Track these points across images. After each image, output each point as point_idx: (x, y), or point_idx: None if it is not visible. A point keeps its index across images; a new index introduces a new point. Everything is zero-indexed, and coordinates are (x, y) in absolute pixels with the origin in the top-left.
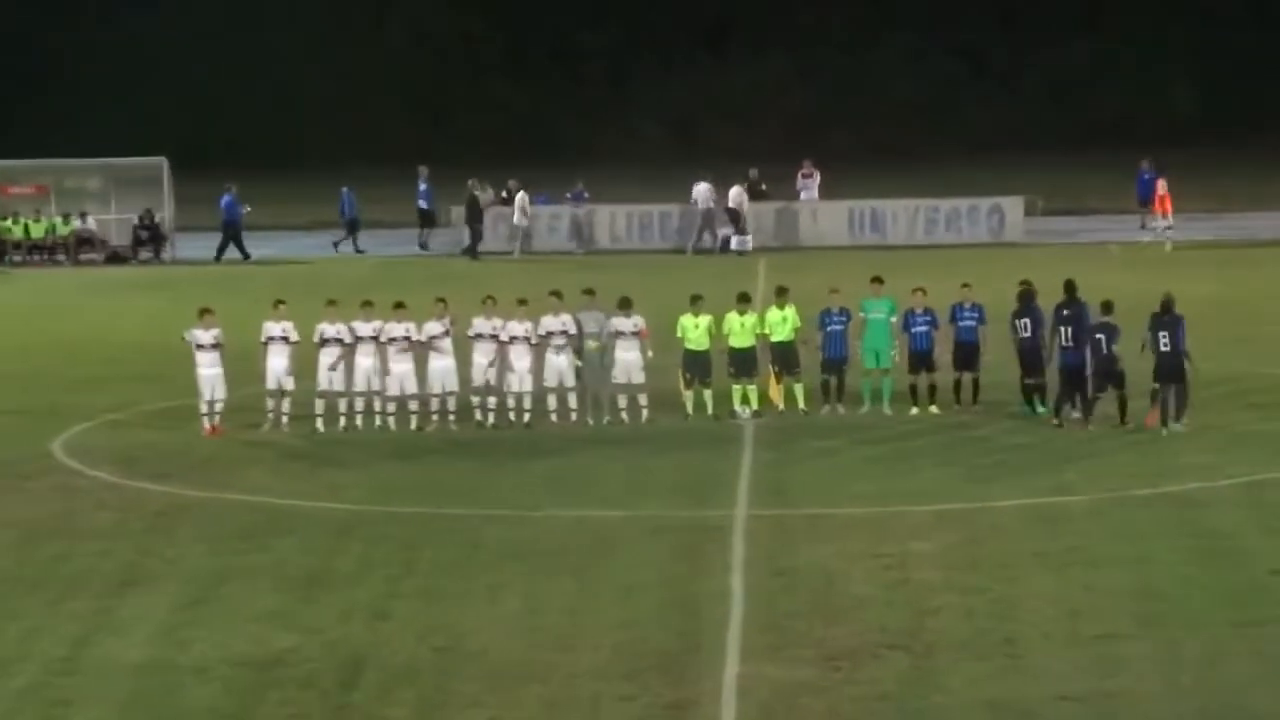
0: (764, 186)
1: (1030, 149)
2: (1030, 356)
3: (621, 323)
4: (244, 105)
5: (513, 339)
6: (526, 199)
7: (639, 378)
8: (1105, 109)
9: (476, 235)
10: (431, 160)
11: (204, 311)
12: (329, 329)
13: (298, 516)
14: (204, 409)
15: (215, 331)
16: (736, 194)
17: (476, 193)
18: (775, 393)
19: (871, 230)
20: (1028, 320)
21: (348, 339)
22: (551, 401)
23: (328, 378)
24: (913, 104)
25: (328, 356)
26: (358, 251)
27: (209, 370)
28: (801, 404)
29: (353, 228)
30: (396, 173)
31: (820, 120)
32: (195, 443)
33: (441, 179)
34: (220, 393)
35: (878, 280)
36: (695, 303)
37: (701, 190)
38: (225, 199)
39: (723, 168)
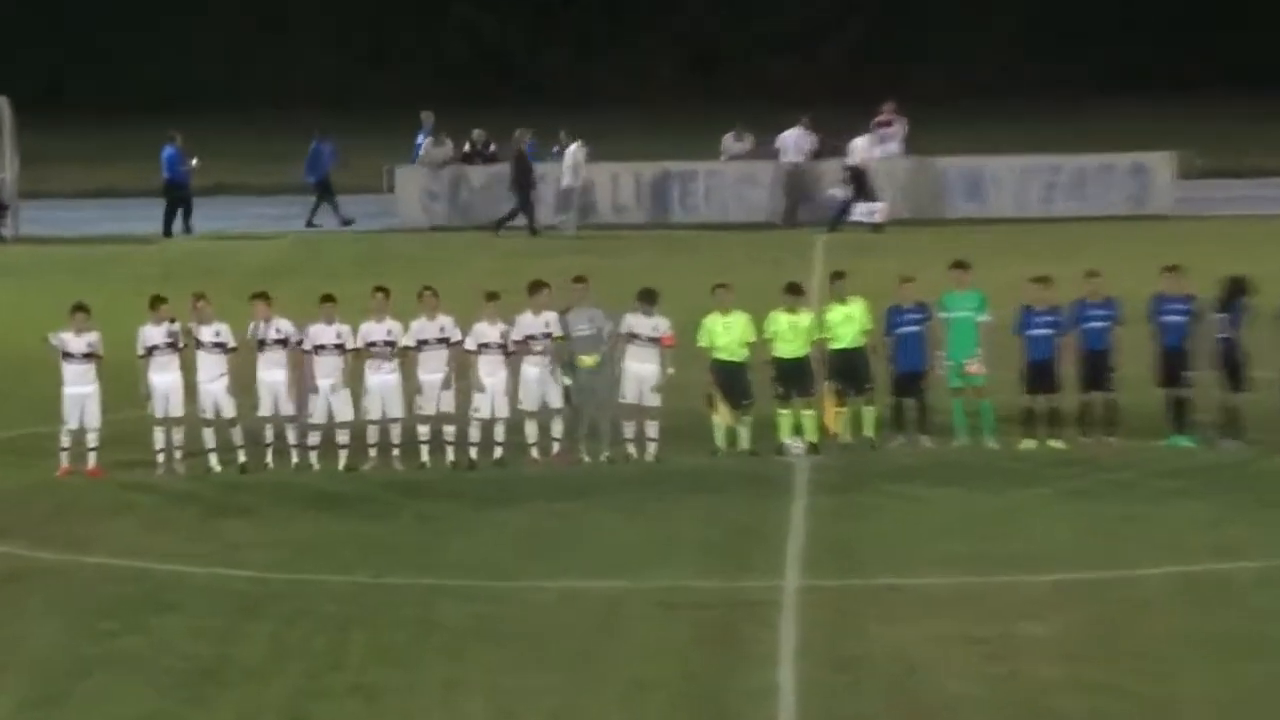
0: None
1: (1182, 91)
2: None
3: (639, 323)
4: (124, 31)
5: (481, 346)
6: (582, 153)
7: (652, 399)
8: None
9: (527, 204)
10: (374, 104)
11: (77, 309)
12: (274, 327)
13: (185, 587)
14: (65, 440)
15: (91, 337)
16: (864, 146)
17: (522, 147)
18: (834, 418)
19: (967, 198)
20: (1227, 317)
21: (293, 340)
22: (530, 431)
23: (273, 398)
24: (1023, 32)
25: (268, 366)
26: (344, 224)
27: (79, 388)
28: (869, 434)
29: (325, 191)
30: (330, 120)
31: (895, 52)
32: (47, 487)
33: (376, 129)
34: (94, 419)
35: (960, 266)
36: (792, 296)
37: (791, 139)
38: (168, 151)
39: (759, 115)
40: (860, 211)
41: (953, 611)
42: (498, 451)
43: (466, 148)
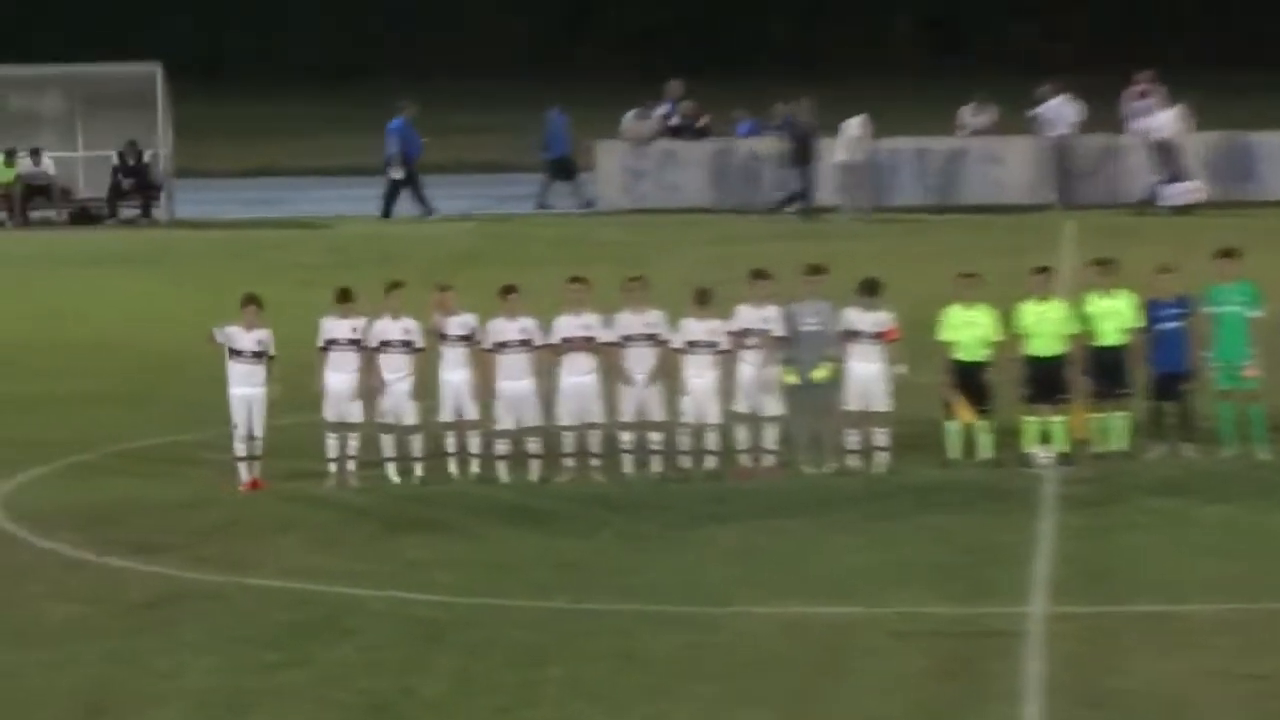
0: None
1: None
2: None
3: (859, 319)
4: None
5: (690, 344)
6: (869, 126)
7: (880, 403)
8: None
9: (806, 181)
10: (565, 76)
11: (249, 301)
12: (458, 322)
13: (359, 612)
14: (241, 448)
15: (262, 334)
16: (1172, 120)
17: (800, 118)
18: (1081, 423)
19: (1235, 178)
20: None
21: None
22: (742, 437)
23: (455, 401)
24: None
25: (451, 365)
26: (586, 205)
27: (247, 389)
28: (1123, 442)
29: (562, 170)
30: (518, 91)
31: (1140, 21)
32: (202, 500)
33: (578, 100)
34: (259, 425)
35: (1228, 254)
36: (1040, 280)
37: (1055, 109)
38: (396, 123)
39: (1002, 87)
40: (1171, 193)
41: (1222, 642)
42: (710, 461)
43: (675, 120)
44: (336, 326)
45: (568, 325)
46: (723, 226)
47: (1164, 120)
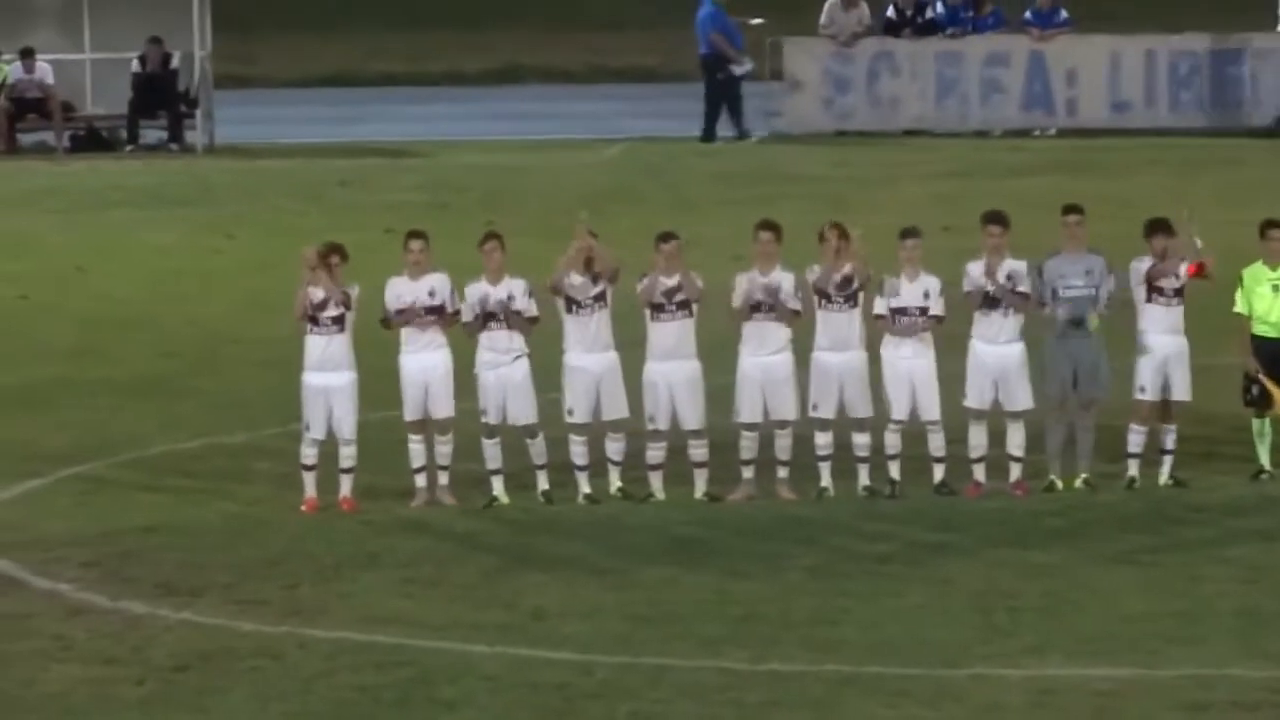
0: None
1: None
2: None
3: (1152, 273)
4: None
5: (896, 312)
6: None
7: (1180, 390)
8: None
9: None
10: None
11: (331, 250)
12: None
13: (467, 674)
14: (309, 454)
15: (341, 294)
16: None
17: None
18: None
19: None
20: None
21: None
22: (977, 440)
23: (589, 394)
24: None
25: (584, 344)
26: (741, 135)
27: (325, 377)
28: None
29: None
30: None
31: None
32: (258, 525)
33: None
34: (348, 426)
35: None
36: None
37: None
38: (706, 11)
39: None
40: None
41: None
42: (938, 471)
43: (890, 12)
44: (409, 289)
45: (749, 286)
46: (949, 155)
47: None
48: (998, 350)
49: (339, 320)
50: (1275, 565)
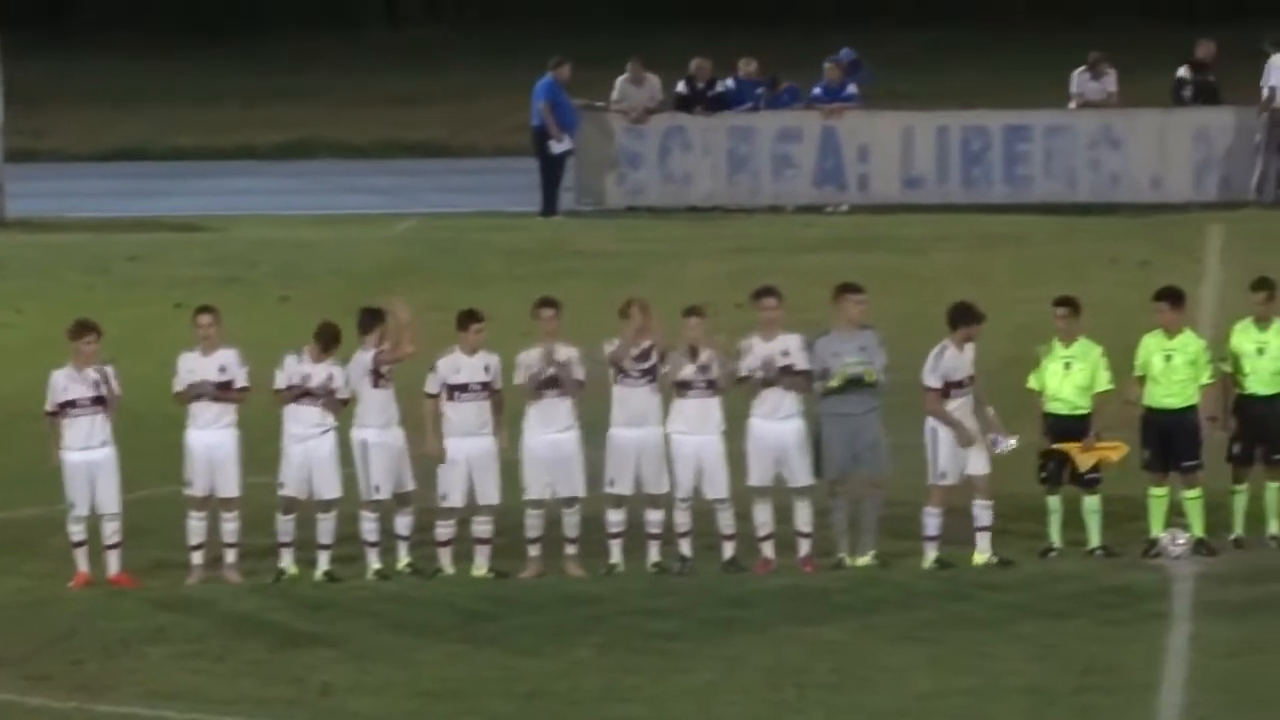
0: None
1: None
2: None
3: (955, 362)
4: None
5: (679, 387)
6: None
7: (979, 466)
8: None
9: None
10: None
11: (82, 329)
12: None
13: None
14: (76, 532)
15: (100, 373)
16: None
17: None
18: None
19: None
20: None
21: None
22: (762, 517)
23: (384, 469)
24: None
25: (374, 417)
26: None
27: (85, 453)
28: (1275, 526)
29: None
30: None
31: None
32: (45, 601)
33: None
34: (112, 499)
35: None
36: (1168, 309)
37: None
38: (544, 84)
39: (1128, 44)
40: None
41: None
42: (728, 549)
43: (681, 87)
44: (198, 365)
45: (536, 363)
46: (739, 231)
47: None
48: (777, 427)
49: (98, 400)
50: (1064, 643)
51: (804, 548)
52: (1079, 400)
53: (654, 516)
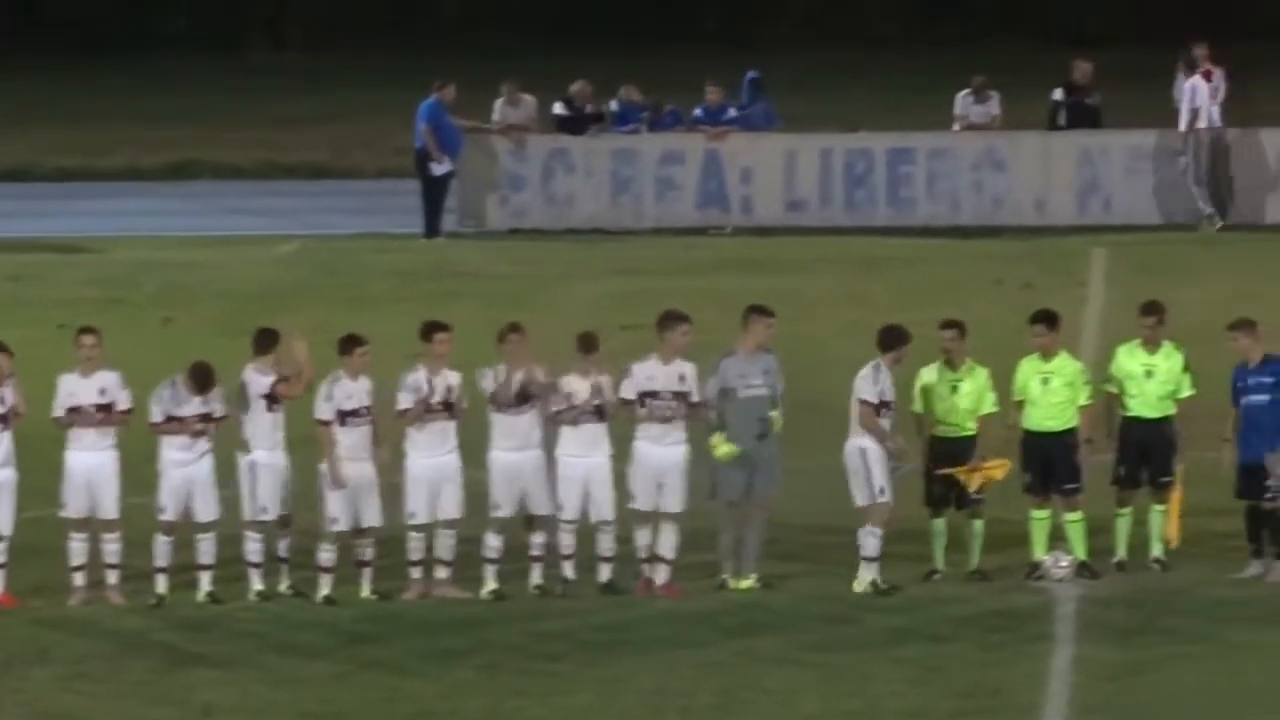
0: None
1: None
2: None
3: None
4: None
5: (558, 413)
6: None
7: (860, 495)
8: None
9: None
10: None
11: None
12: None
13: None
14: None
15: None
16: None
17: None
18: (1175, 523)
19: None
20: None
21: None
22: (644, 540)
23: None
24: None
25: (262, 439)
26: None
27: None
28: (1157, 549)
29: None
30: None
31: None
32: None
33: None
34: (6, 521)
35: None
36: (1043, 331)
37: (1201, 90)
38: (427, 106)
39: (1017, 64)
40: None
41: None
42: (604, 571)
43: (559, 108)
44: (80, 386)
45: (420, 388)
46: (626, 254)
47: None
48: (662, 451)
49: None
50: (945, 666)
51: (663, 574)
52: (966, 423)
53: (537, 539)
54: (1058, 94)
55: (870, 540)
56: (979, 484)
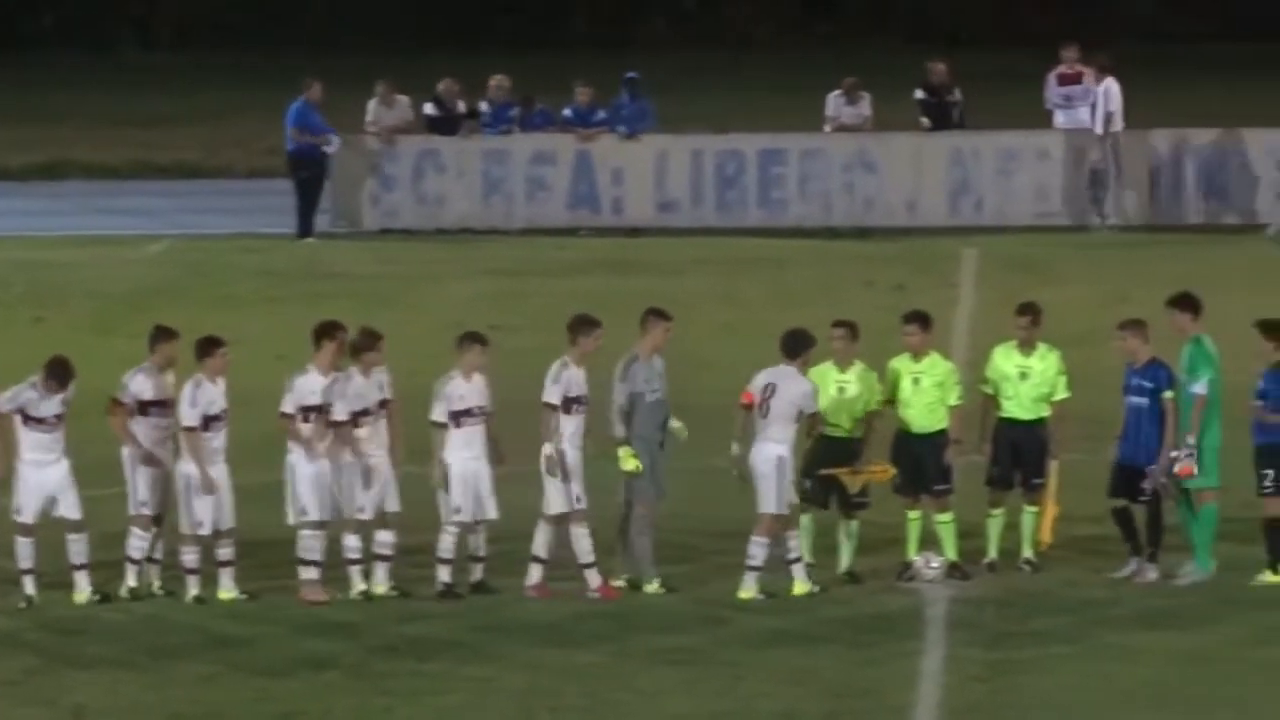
0: None
1: None
2: None
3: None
4: None
5: (457, 416)
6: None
7: (766, 502)
8: None
9: None
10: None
11: None
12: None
13: None
14: None
15: None
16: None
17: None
18: (1047, 524)
19: (1202, 193)
20: None
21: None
22: (540, 541)
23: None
24: None
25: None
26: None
27: None
28: (1028, 550)
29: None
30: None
31: None
32: None
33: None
34: None
35: (1183, 304)
36: (915, 331)
37: (1107, 93)
38: (295, 106)
39: (889, 67)
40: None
41: None
42: (477, 571)
43: (430, 109)
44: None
45: (308, 391)
46: (500, 254)
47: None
48: (576, 454)
49: None
50: (817, 667)
51: (535, 575)
52: (851, 424)
53: (384, 538)
54: (918, 94)
55: (760, 550)
56: (860, 486)
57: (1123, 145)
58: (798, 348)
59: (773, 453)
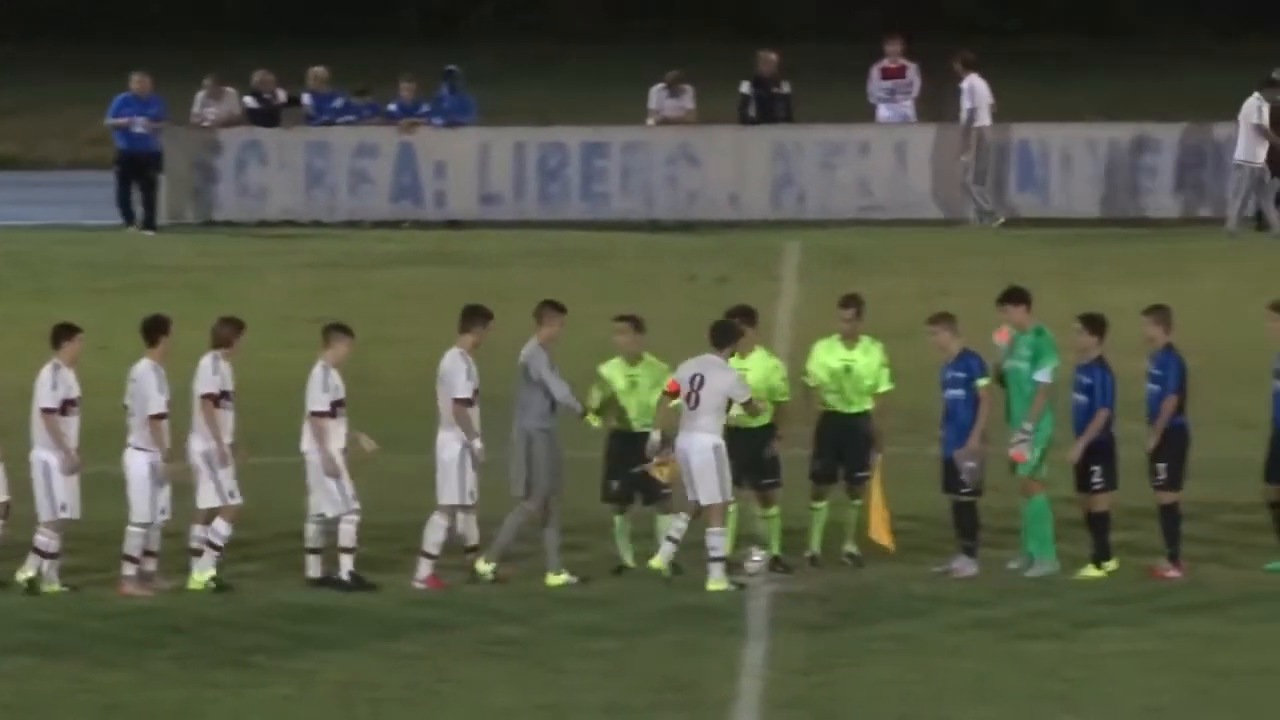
0: None
1: None
2: None
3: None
4: None
5: (336, 406)
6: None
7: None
8: None
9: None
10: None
11: None
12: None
13: None
14: None
15: None
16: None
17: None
18: (880, 525)
19: (1025, 185)
20: None
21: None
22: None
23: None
24: None
25: None
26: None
27: None
28: (851, 544)
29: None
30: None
31: None
32: None
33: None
34: None
35: (1014, 298)
36: (742, 328)
37: (982, 89)
38: (118, 99)
39: (719, 58)
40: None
41: None
42: (312, 566)
43: (250, 101)
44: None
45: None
46: (321, 247)
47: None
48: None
49: None
50: (638, 659)
51: (425, 569)
52: (646, 418)
53: (223, 530)
54: (745, 87)
55: (719, 540)
56: (670, 476)
57: (987, 141)
58: (725, 339)
59: (707, 443)
